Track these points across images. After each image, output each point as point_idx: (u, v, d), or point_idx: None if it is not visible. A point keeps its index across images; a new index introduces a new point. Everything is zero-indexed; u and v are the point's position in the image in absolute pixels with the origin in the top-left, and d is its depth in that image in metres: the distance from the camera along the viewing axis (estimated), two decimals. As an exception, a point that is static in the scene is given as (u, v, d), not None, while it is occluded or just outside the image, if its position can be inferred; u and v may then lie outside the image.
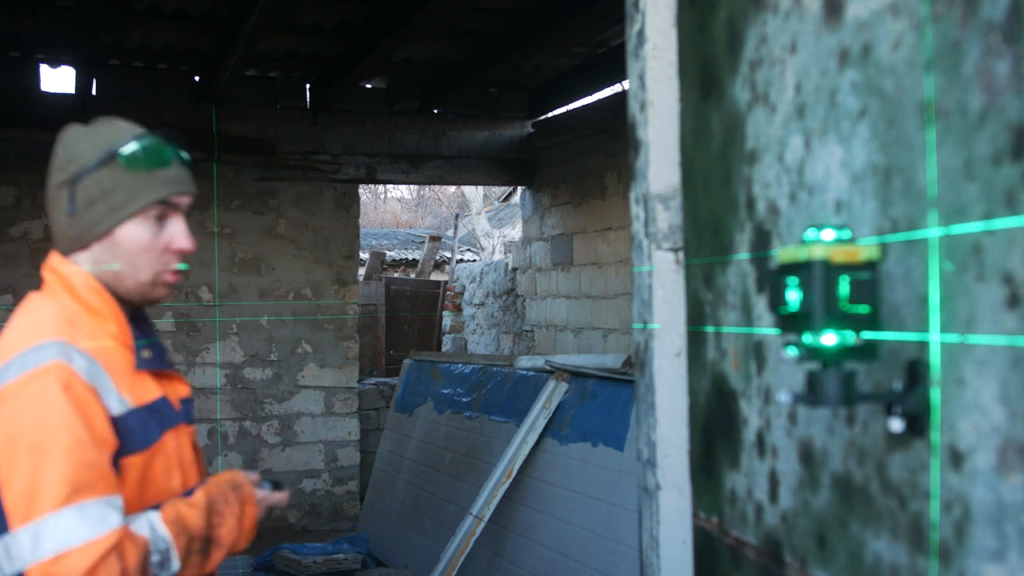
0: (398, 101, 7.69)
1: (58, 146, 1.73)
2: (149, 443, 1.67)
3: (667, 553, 1.70)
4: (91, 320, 1.68)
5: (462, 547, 5.05)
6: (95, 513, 1.50)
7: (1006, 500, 0.93)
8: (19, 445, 1.51)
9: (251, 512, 1.78)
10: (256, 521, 1.80)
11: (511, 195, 18.50)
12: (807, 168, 1.27)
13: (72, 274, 1.71)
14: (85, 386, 1.57)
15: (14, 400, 1.53)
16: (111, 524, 1.51)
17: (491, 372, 6.10)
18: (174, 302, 7.06)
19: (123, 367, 1.68)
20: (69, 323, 1.64)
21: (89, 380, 1.58)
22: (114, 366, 1.66)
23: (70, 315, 1.66)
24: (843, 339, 1.07)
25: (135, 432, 1.64)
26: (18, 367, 1.56)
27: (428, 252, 14.18)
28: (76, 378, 1.56)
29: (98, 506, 1.51)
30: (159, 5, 5.86)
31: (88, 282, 1.70)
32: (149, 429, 1.67)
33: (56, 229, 1.73)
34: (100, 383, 1.60)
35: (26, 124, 6.50)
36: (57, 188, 1.71)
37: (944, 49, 1.00)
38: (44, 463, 1.50)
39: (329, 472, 7.58)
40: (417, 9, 5.09)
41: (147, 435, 1.67)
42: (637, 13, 1.75)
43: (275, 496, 1.87)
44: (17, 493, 1.49)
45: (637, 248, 1.78)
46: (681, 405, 1.70)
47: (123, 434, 1.62)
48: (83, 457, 1.52)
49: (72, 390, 1.55)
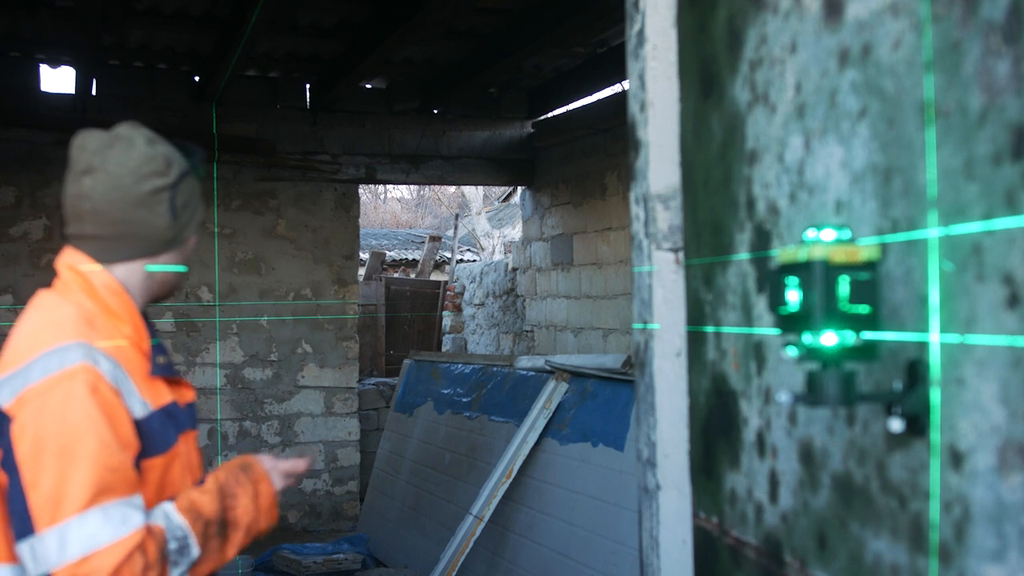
0: (398, 101, 7.69)
1: (130, 149, 1.72)
2: (168, 446, 1.69)
3: (667, 553, 1.70)
4: (108, 321, 1.69)
5: (462, 547, 5.05)
6: (118, 514, 1.53)
7: (1006, 500, 0.93)
8: (45, 448, 1.52)
9: (266, 489, 1.80)
10: (274, 497, 1.81)
11: (511, 195, 18.49)
12: (807, 168, 1.27)
13: (92, 274, 1.72)
14: (111, 389, 1.58)
15: (39, 402, 1.54)
16: (134, 523, 1.53)
17: (491, 372, 6.10)
18: (174, 302, 7.06)
19: (139, 370, 1.69)
20: (89, 324, 1.64)
21: (114, 383, 1.60)
22: (133, 368, 1.67)
23: (89, 316, 1.66)
24: (843, 339, 1.07)
25: (156, 435, 1.66)
26: (42, 368, 1.56)
27: (428, 252, 14.18)
28: (103, 381, 1.57)
29: (120, 507, 1.53)
30: (159, 5, 5.86)
31: (108, 283, 1.71)
32: (168, 432, 1.70)
33: (139, 231, 1.73)
34: (124, 386, 1.62)
35: (26, 124, 6.50)
36: (153, 192, 1.71)
37: (944, 49, 1.00)
38: (71, 467, 1.51)
39: (329, 472, 7.58)
40: (417, 9, 5.09)
41: (166, 438, 1.69)
42: (637, 13, 1.75)
43: (288, 463, 1.86)
44: (43, 496, 1.51)
45: (637, 248, 1.78)
46: (681, 405, 1.70)
47: (144, 437, 1.64)
48: (108, 461, 1.54)
49: (99, 393, 1.56)
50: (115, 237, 1.71)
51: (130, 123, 1.77)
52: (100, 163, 1.70)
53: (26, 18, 5.96)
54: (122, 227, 1.71)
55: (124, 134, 1.73)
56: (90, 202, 1.70)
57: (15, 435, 1.53)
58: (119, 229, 1.71)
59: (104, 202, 1.69)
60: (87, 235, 1.72)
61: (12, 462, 1.52)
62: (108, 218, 1.70)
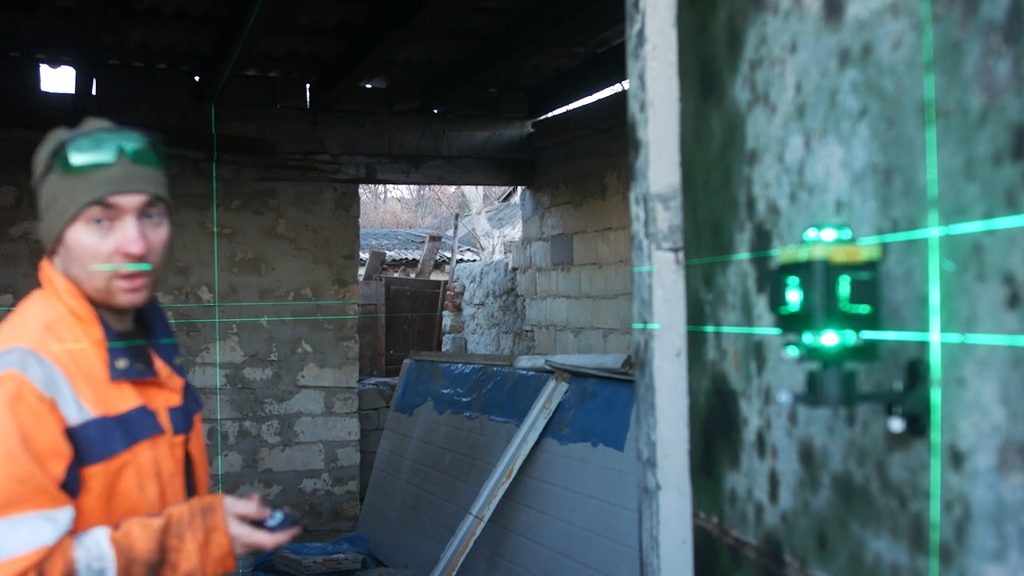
0: (398, 101, 7.69)
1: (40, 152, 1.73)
2: (110, 454, 1.61)
3: (667, 553, 1.70)
4: (74, 324, 1.65)
5: (462, 547, 5.05)
6: (26, 528, 1.47)
7: (1007, 500, 0.93)
8: None
9: (221, 540, 1.66)
10: (228, 551, 1.67)
11: (511, 195, 18.49)
12: (807, 168, 1.27)
13: (55, 278, 1.70)
14: (38, 396, 1.54)
15: None
16: (40, 540, 1.48)
17: (491, 372, 6.10)
18: (174, 302, 7.06)
19: (97, 374, 1.64)
20: (47, 327, 1.62)
21: (44, 390, 1.55)
22: (83, 373, 1.62)
23: (53, 318, 1.64)
24: (843, 339, 1.07)
25: (95, 442, 1.59)
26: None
27: (428, 252, 14.18)
28: (28, 388, 1.53)
29: (30, 520, 1.48)
30: (159, 5, 5.86)
31: (67, 287, 1.68)
32: (112, 439, 1.62)
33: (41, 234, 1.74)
34: (58, 393, 1.57)
35: (26, 124, 6.50)
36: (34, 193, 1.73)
37: (944, 49, 1.00)
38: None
39: (329, 472, 7.58)
40: (417, 9, 5.09)
41: (108, 445, 1.61)
42: (637, 13, 1.75)
43: (258, 536, 1.69)
44: None
45: (637, 248, 1.78)
46: (681, 405, 1.70)
47: (81, 444, 1.57)
48: (14, 471, 1.48)
49: (21, 401, 1.52)
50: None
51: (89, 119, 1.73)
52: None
53: (26, 18, 5.96)
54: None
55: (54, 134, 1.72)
56: None
57: None
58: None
59: None
60: None
61: None
62: None
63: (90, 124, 1.72)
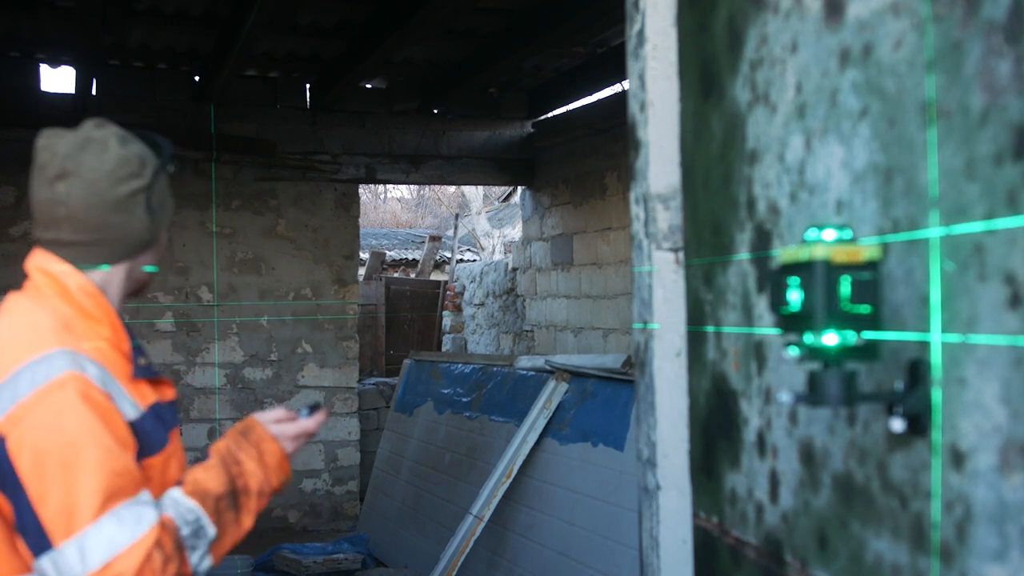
0: (398, 101, 7.68)
1: (104, 152, 1.66)
2: (163, 444, 1.69)
3: (667, 553, 1.70)
4: (85, 324, 1.65)
5: (462, 547, 5.05)
6: (130, 515, 1.53)
7: (1008, 500, 0.93)
8: (47, 462, 1.50)
9: (271, 448, 1.75)
10: (282, 455, 1.77)
11: (511, 195, 18.49)
12: (808, 168, 1.27)
13: (65, 276, 1.67)
14: (102, 393, 1.57)
15: (31, 417, 1.52)
16: (148, 521, 1.54)
17: (491, 372, 6.10)
18: (174, 302, 7.06)
19: (123, 372, 1.67)
20: (66, 328, 1.61)
21: (103, 387, 1.58)
22: (117, 371, 1.65)
23: (65, 319, 1.63)
24: (844, 339, 1.07)
25: (150, 435, 1.65)
26: (29, 381, 1.53)
27: (428, 252, 14.17)
28: (93, 387, 1.56)
29: (131, 507, 1.54)
30: (159, 5, 5.86)
31: (83, 284, 1.67)
32: (160, 431, 1.69)
33: (117, 235, 1.68)
34: (113, 389, 1.60)
35: (26, 124, 6.48)
36: (131, 195, 1.67)
37: (945, 49, 1.00)
38: (77, 477, 1.51)
39: (329, 472, 7.58)
40: (417, 9, 5.08)
41: (160, 437, 1.68)
42: (637, 13, 1.75)
43: (300, 424, 1.81)
44: (54, 510, 1.50)
45: (637, 248, 1.78)
46: (681, 405, 1.70)
47: (139, 438, 1.63)
48: (113, 465, 1.53)
49: (92, 399, 1.54)
50: (93, 243, 1.67)
51: (97, 121, 1.72)
52: (74, 167, 1.65)
53: (26, 18, 5.96)
54: (100, 232, 1.67)
55: (96, 136, 1.68)
56: (66, 208, 1.65)
57: (12, 453, 1.51)
58: (97, 235, 1.67)
59: (81, 208, 1.65)
60: (63, 241, 1.67)
61: (14, 480, 1.51)
62: (86, 224, 1.66)
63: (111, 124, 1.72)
